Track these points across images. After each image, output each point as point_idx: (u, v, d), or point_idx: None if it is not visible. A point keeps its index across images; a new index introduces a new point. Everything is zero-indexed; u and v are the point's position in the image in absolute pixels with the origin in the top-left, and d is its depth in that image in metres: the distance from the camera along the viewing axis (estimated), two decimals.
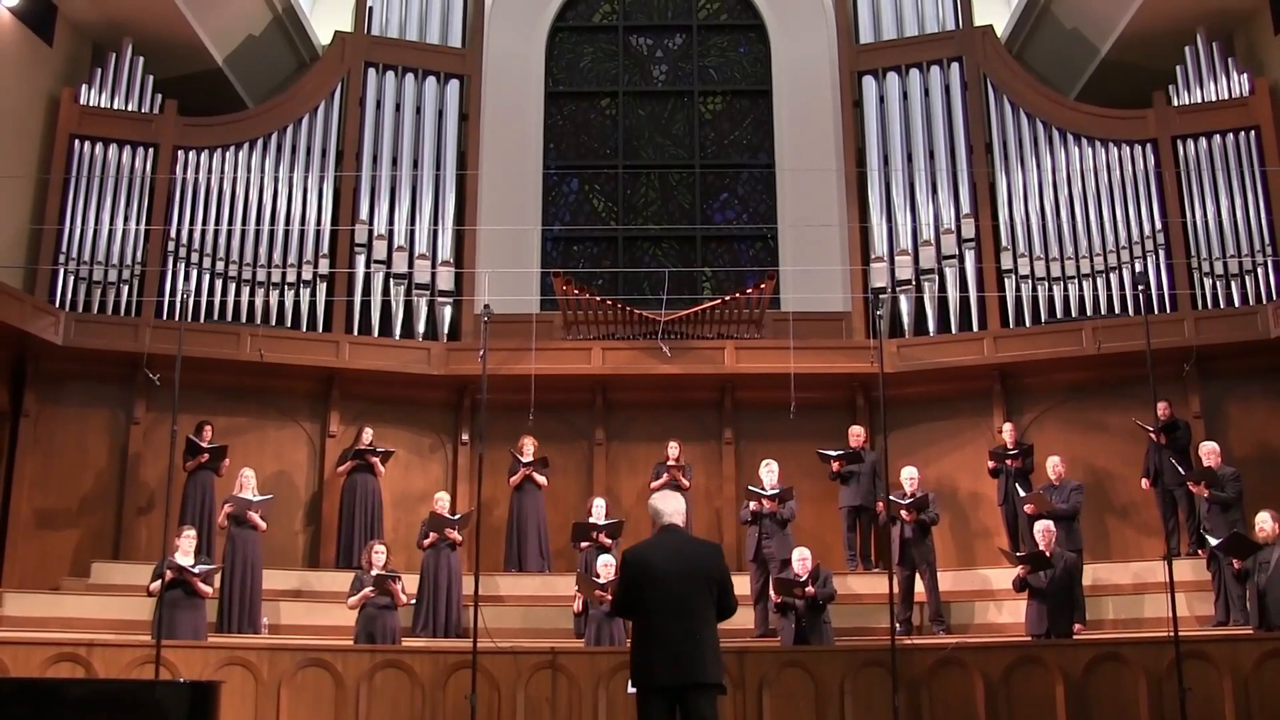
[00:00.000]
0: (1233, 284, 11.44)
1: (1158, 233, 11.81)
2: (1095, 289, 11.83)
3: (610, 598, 8.22)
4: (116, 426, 11.52)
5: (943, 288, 12.20)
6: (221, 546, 10.16)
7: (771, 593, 9.21)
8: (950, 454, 11.91)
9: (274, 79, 14.02)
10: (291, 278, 12.15)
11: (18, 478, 11.02)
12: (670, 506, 5.36)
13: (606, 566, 9.05)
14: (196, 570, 8.82)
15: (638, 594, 5.15)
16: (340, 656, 7.82)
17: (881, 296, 12.08)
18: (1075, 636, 8.60)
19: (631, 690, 5.26)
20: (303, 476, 11.93)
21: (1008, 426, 11.11)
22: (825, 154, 13.57)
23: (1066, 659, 7.61)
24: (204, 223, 12.10)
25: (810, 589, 8.78)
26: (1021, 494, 10.32)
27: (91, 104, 12.22)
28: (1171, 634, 7.16)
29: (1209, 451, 9.78)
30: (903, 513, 9.79)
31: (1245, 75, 12.00)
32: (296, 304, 12.07)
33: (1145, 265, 11.68)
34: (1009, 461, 10.76)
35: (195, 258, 11.98)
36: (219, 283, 11.96)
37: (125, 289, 11.76)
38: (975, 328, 11.98)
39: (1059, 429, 11.56)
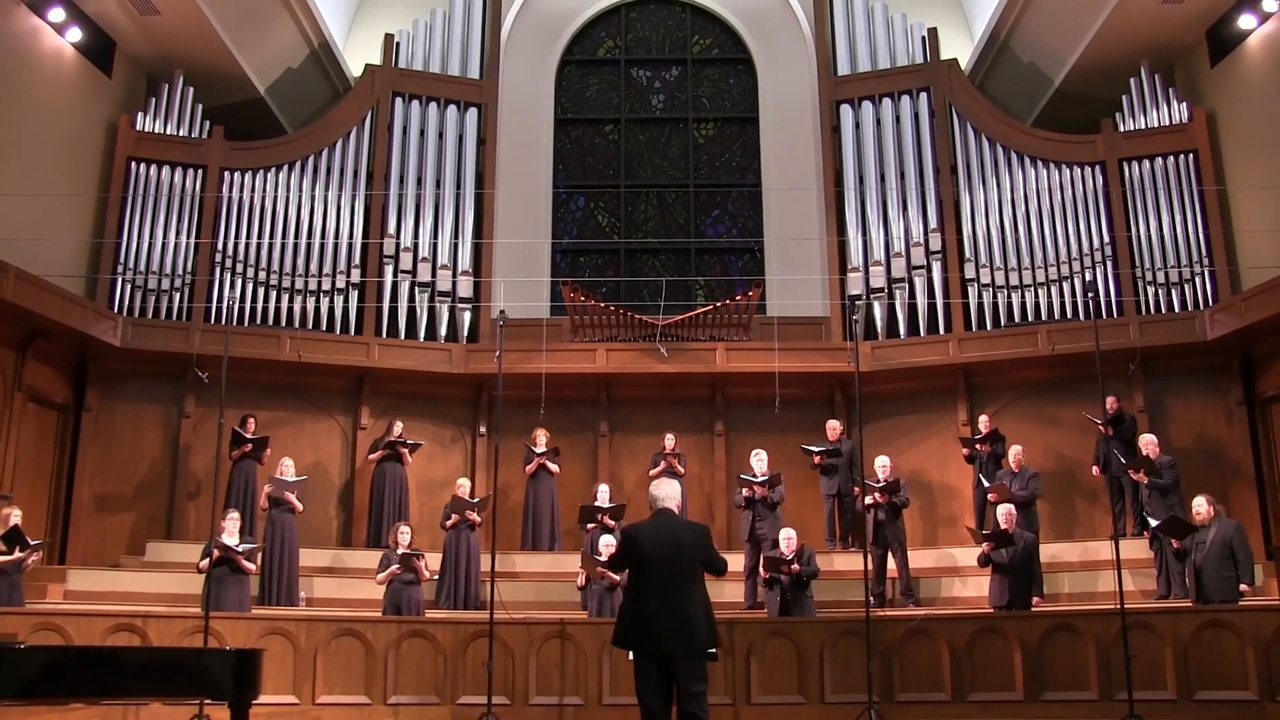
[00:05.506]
0: (1173, 292, 11.45)
1: (1106, 245, 11.82)
2: (1049, 296, 11.84)
3: (610, 574, 8.63)
4: (169, 420, 11.54)
5: (912, 295, 12.21)
6: (263, 528, 10.15)
7: (761, 569, 9.20)
8: (919, 444, 11.92)
9: (311, 107, 14.03)
10: (327, 286, 12.16)
11: (80, 466, 11.04)
12: (664, 492, 5.38)
13: (608, 546, 9.04)
14: (241, 549, 8.80)
15: (629, 564, 5.23)
16: (370, 627, 7.81)
17: (857, 303, 12.08)
18: (1033, 609, 8.59)
19: (632, 659, 5.24)
20: (336, 465, 11.93)
21: (983, 418, 10.97)
22: (806, 174, 13.58)
23: (1024, 629, 7.60)
24: (248, 236, 12.11)
25: (795, 566, 8.79)
26: (986, 485, 10.28)
27: (146, 130, 12.25)
28: (1119, 606, 7.16)
29: (1148, 442, 9.77)
30: (876, 494, 9.78)
31: (1185, 104, 12.02)
32: (331, 309, 12.08)
33: (1094, 275, 11.70)
34: (979, 446, 10.72)
35: (240, 268, 12.01)
36: (261, 290, 11.98)
37: (177, 296, 11.77)
38: (941, 331, 11.98)
39: (1017, 422, 11.54)
